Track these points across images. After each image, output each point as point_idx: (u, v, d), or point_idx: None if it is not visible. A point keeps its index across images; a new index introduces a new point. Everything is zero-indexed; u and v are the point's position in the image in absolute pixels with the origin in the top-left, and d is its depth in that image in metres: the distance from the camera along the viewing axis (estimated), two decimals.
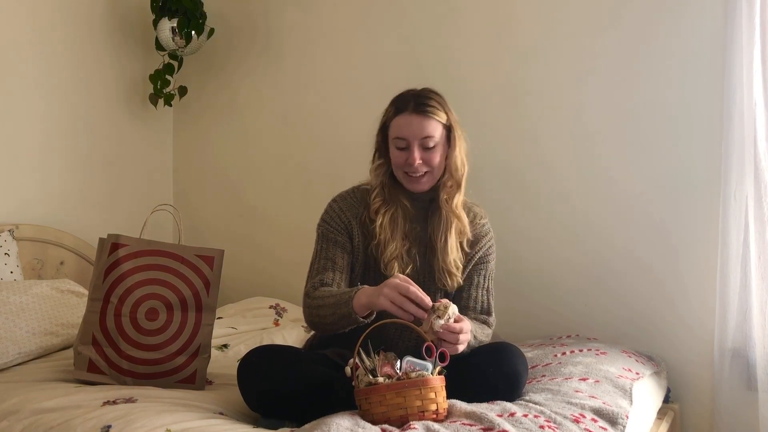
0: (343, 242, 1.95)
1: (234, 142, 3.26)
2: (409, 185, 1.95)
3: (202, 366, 2.01)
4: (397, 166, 1.94)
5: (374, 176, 1.98)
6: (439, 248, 1.94)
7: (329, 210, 2.00)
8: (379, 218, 1.92)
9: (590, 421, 1.68)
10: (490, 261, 2.05)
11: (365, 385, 1.62)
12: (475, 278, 2.01)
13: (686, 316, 2.41)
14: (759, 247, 2.22)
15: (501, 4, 2.69)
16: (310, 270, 1.98)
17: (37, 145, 2.81)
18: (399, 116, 1.91)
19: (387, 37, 2.91)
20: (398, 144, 1.91)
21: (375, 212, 1.93)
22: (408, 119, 1.89)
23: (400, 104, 1.92)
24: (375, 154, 2.00)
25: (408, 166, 1.91)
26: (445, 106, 1.94)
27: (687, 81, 2.41)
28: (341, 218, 1.97)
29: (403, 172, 1.93)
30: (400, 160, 1.92)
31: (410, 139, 1.89)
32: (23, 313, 2.25)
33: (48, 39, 2.84)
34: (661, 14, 2.44)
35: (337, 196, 2.04)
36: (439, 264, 1.94)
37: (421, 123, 1.89)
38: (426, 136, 1.89)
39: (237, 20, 3.22)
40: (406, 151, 1.90)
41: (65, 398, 1.76)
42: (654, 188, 2.46)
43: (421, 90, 1.95)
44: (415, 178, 1.92)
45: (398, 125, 1.91)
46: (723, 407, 2.28)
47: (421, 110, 1.89)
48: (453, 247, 1.95)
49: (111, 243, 2.00)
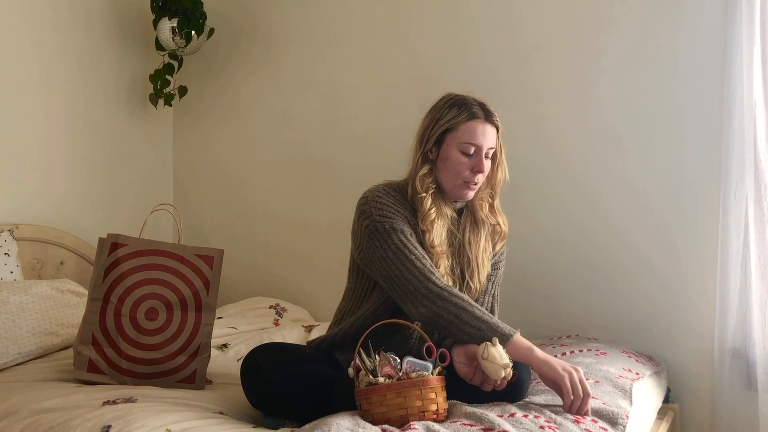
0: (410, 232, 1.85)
1: (234, 142, 3.26)
2: (459, 192, 1.89)
3: (201, 366, 2.01)
4: (456, 172, 1.87)
5: (423, 184, 1.88)
6: (473, 258, 1.92)
7: (380, 206, 1.85)
8: (435, 231, 1.86)
9: (590, 421, 1.68)
10: (501, 268, 2.04)
11: (366, 385, 1.62)
12: (488, 284, 1.99)
13: (686, 316, 2.41)
14: (759, 247, 2.22)
15: (501, 3, 2.69)
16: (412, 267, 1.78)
17: (37, 145, 2.81)
18: (473, 121, 1.86)
19: (387, 37, 2.91)
20: (467, 149, 1.86)
21: (431, 223, 1.85)
22: (483, 126, 1.87)
23: (473, 110, 1.87)
24: (419, 158, 1.90)
25: (473, 174, 1.87)
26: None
27: (687, 81, 2.41)
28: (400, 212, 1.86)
29: (462, 180, 1.88)
30: (463, 166, 1.86)
31: (482, 146, 1.86)
32: (23, 313, 2.25)
33: (48, 39, 2.84)
34: (660, 14, 2.44)
35: (380, 191, 1.90)
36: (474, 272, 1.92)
37: (492, 132, 1.89)
38: (492, 146, 1.89)
39: (237, 20, 3.22)
40: (472, 158, 1.87)
41: (65, 398, 1.76)
42: (654, 188, 2.46)
43: (477, 98, 1.91)
44: (471, 186, 1.89)
45: (472, 130, 1.86)
46: (723, 407, 2.28)
47: (492, 120, 1.89)
48: (486, 255, 1.95)
49: (111, 243, 2.00)
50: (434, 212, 1.86)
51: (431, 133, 1.90)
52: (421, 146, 1.91)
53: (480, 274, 1.93)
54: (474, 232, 1.94)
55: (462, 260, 1.92)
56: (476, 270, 1.92)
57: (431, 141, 1.90)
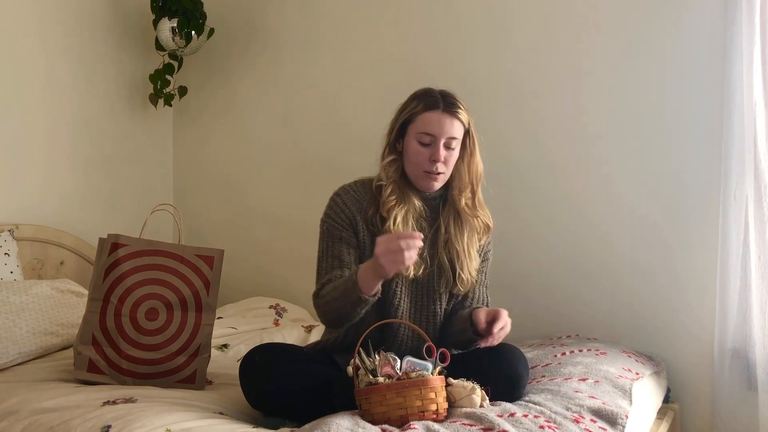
0: (348, 238, 1.93)
1: (234, 142, 3.26)
2: (423, 182, 1.93)
3: (202, 366, 2.01)
4: (415, 162, 1.91)
5: (386, 172, 1.94)
6: (461, 252, 1.94)
7: (332, 204, 1.97)
8: (392, 217, 1.89)
9: (590, 421, 1.68)
10: (490, 258, 2.07)
11: (365, 384, 1.62)
12: (479, 276, 2.01)
13: (686, 316, 2.41)
14: (759, 247, 2.22)
15: (500, 4, 2.69)
16: (318, 269, 1.96)
17: (36, 145, 2.81)
18: (428, 112, 1.89)
19: (386, 37, 2.91)
20: (423, 139, 1.89)
21: (389, 210, 1.90)
22: (438, 116, 1.89)
23: (430, 101, 1.91)
24: (386, 149, 1.96)
25: (430, 163, 1.89)
26: (468, 110, 1.95)
27: (687, 81, 2.41)
28: (345, 213, 1.94)
29: (422, 170, 1.91)
30: (421, 156, 1.90)
31: (438, 136, 1.88)
32: (23, 313, 2.25)
33: (48, 39, 2.84)
34: (661, 14, 2.44)
35: (340, 189, 2.00)
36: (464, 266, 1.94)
37: (450, 122, 1.89)
38: (452, 136, 1.90)
39: (237, 20, 3.22)
40: (429, 148, 1.89)
41: (65, 398, 1.76)
42: (654, 188, 2.46)
43: (444, 90, 1.95)
44: (432, 176, 1.91)
45: (427, 121, 1.89)
46: (723, 407, 2.28)
47: (451, 110, 1.90)
48: (473, 249, 1.96)
49: (111, 243, 2.00)
50: (393, 200, 1.90)
51: (394, 124, 1.96)
52: (388, 138, 1.97)
53: (469, 267, 1.95)
54: (458, 225, 1.96)
55: (451, 254, 1.95)
56: (465, 262, 1.94)
57: (394, 132, 1.95)
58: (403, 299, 1.92)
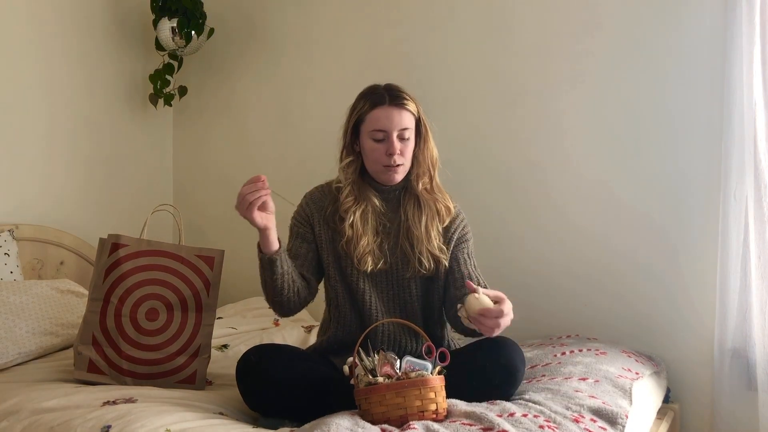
0: (304, 233, 2.01)
1: (234, 142, 3.25)
2: (384, 177, 1.96)
3: (202, 366, 2.01)
4: (373, 159, 1.95)
5: (344, 174, 2.00)
6: (421, 234, 1.97)
7: (299, 206, 2.05)
8: (349, 216, 1.95)
9: (590, 421, 1.68)
10: (469, 239, 2.07)
11: (365, 384, 1.62)
12: (461, 257, 2.03)
13: (686, 316, 2.41)
14: (759, 247, 2.22)
15: (500, 4, 2.69)
16: None
17: (37, 145, 2.81)
18: (376, 109, 1.93)
19: (385, 37, 2.91)
20: (376, 136, 1.93)
21: (346, 211, 1.96)
22: (386, 111, 1.92)
23: (375, 98, 1.95)
24: (343, 151, 2.01)
25: (388, 158, 1.93)
26: (414, 98, 1.98)
27: (687, 81, 2.41)
28: (305, 211, 2.03)
29: (382, 165, 1.95)
30: (378, 153, 1.93)
31: (389, 131, 1.92)
32: (23, 313, 2.25)
33: (48, 39, 2.84)
34: (661, 14, 2.44)
35: (308, 191, 2.07)
36: (422, 248, 1.96)
37: (399, 114, 1.93)
38: (404, 127, 1.93)
39: (237, 20, 3.22)
40: (384, 143, 1.93)
41: (65, 398, 1.76)
42: (654, 188, 2.46)
43: (389, 84, 1.99)
44: (393, 169, 1.94)
45: (376, 118, 1.93)
46: (723, 407, 2.28)
47: (397, 103, 1.93)
48: (433, 231, 1.98)
49: (111, 243, 2.00)
50: (351, 200, 1.96)
51: (347, 127, 2.00)
52: (343, 141, 2.01)
53: (429, 247, 1.97)
54: (417, 210, 1.99)
55: (411, 239, 1.98)
56: (424, 243, 1.97)
57: (348, 135, 1.99)
58: (371, 293, 1.97)
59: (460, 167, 2.72)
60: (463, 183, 2.71)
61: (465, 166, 2.71)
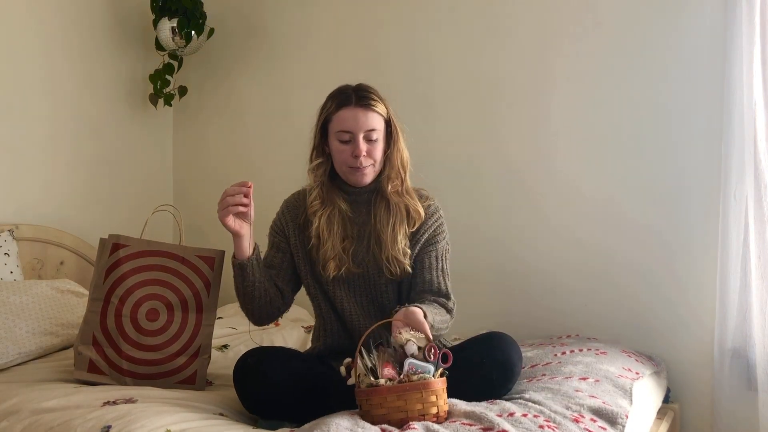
0: (279, 242, 2.02)
1: (234, 142, 3.25)
2: (353, 178, 1.95)
3: (202, 366, 2.01)
4: (340, 160, 1.94)
5: (313, 177, 1.99)
6: (387, 238, 1.94)
7: (276, 213, 2.07)
8: (315, 221, 1.94)
9: (590, 420, 1.68)
10: (440, 241, 2.02)
11: (366, 386, 1.62)
12: (426, 260, 1.98)
13: (686, 316, 2.41)
14: (759, 247, 2.22)
15: (501, 4, 2.69)
16: None
17: (37, 145, 2.81)
18: (342, 110, 1.92)
19: (385, 36, 2.91)
20: (342, 137, 1.92)
21: (312, 214, 1.95)
22: (352, 112, 1.91)
23: (342, 98, 1.93)
24: (312, 153, 2.00)
25: (354, 159, 1.91)
26: (384, 100, 1.97)
27: (687, 81, 2.41)
28: (281, 220, 2.04)
29: (348, 166, 1.93)
30: (344, 154, 1.92)
31: (355, 132, 1.90)
32: (23, 313, 2.25)
33: (48, 39, 2.84)
34: (661, 14, 2.44)
35: (287, 198, 2.08)
36: (388, 253, 1.94)
37: (365, 115, 1.91)
38: (370, 128, 1.91)
39: (237, 20, 3.22)
40: (350, 144, 1.91)
41: (65, 398, 1.76)
42: (654, 188, 2.46)
43: (359, 84, 1.97)
44: (360, 171, 1.92)
45: (342, 119, 1.92)
46: (723, 407, 2.28)
47: (364, 103, 1.92)
48: (399, 235, 1.95)
49: (112, 243, 2.00)
50: (317, 204, 1.96)
51: (316, 129, 1.99)
52: (313, 142, 2.00)
53: (394, 250, 1.93)
54: (386, 213, 1.97)
55: (380, 243, 1.95)
56: (389, 246, 1.94)
57: (317, 136, 1.98)
58: (347, 299, 1.96)
59: (461, 166, 2.73)
60: (466, 182, 2.72)
61: (467, 165, 2.71)
